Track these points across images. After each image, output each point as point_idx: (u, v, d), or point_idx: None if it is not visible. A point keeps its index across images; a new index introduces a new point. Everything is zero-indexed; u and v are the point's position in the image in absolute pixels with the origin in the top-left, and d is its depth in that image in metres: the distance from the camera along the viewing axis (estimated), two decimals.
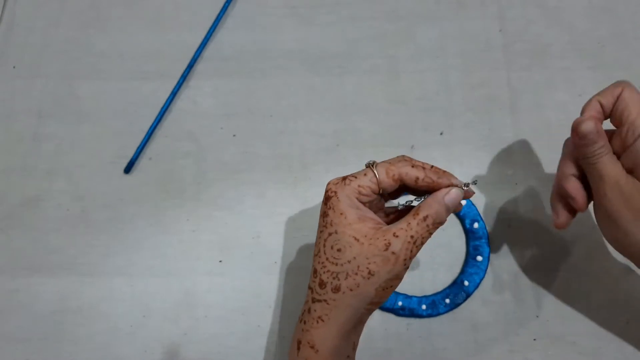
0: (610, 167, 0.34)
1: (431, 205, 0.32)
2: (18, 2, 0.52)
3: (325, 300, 0.32)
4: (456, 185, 0.33)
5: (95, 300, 0.43)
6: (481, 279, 0.41)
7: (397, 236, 0.31)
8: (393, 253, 0.31)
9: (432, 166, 0.34)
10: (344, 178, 0.33)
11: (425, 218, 0.32)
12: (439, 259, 0.43)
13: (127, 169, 0.46)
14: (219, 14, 0.50)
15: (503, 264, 0.42)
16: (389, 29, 0.50)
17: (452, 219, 0.44)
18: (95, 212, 0.45)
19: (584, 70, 0.48)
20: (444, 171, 0.34)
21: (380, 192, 0.33)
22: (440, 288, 0.42)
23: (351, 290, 0.31)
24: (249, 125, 0.47)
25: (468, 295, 0.41)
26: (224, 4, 0.50)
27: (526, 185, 0.44)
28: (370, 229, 0.32)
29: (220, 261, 0.43)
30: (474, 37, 0.49)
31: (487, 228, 0.43)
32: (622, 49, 0.48)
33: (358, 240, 0.31)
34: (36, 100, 0.49)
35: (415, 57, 0.49)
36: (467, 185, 0.34)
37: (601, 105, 0.35)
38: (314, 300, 0.32)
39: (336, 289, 0.32)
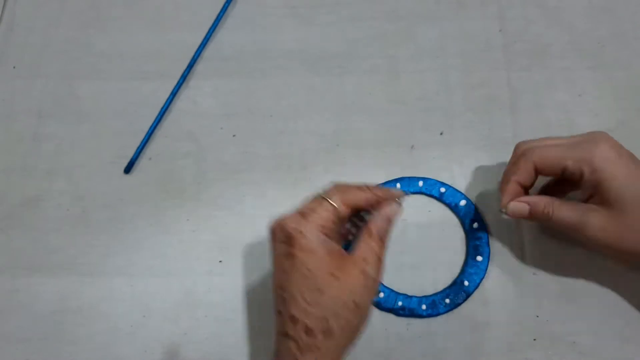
0: (567, 215, 0.36)
1: (381, 223, 0.34)
2: (18, 2, 0.52)
3: (317, 348, 0.30)
4: (394, 199, 0.35)
5: (95, 300, 0.43)
6: (481, 279, 0.41)
7: (368, 262, 0.32)
8: (372, 278, 0.32)
9: (369, 186, 0.35)
10: (301, 214, 0.33)
11: (381, 237, 0.33)
12: (439, 259, 0.43)
13: (127, 169, 0.46)
14: (219, 14, 0.50)
15: (504, 264, 0.42)
16: (389, 29, 0.50)
17: (452, 219, 0.44)
18: (95, 212, 0.45)
19: (584, 70, 0.48)
20: (383, 188, 0.36)
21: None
22: (440, 288, 0.42)
23: (343, 329, 0.31)
24: (249, 125, 0.47)
25: (468, 295, 0.41)
26: (224, 4, 0.50)
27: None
28: (341, 261, 0.32)
29: (221, 261, 0.43)
30: (474, 37, 0.49)
31: (487, 228, 0.43)
32: (622, 49, 0.48)
33: (335, 275, 0.31)
34: (36, 100, 0.49)
35: (415, 57, 0.49)
36: (401, 197, 0.36)
37: (520, 184, 0.38)
38: (302, 351, 0.30)
39: (328, 333, 0.30)
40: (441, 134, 0.46)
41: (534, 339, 0.40)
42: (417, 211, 0.44)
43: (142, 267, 0.43)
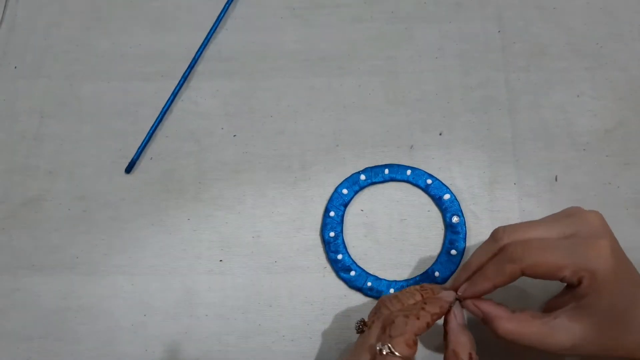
0: (528, 334, 0.33)
1: (464, 342, 0.33)
2: (19, 3, 0.53)
3: None
4: (451, 302, 0.34)
5: (96, 299, 0.43)
6: (452, 272, 0.42)
7: None
8: None
9: (424, 302, 0.33)
10: None
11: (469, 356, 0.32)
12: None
13: (129, 169, 0.46)
14: (219, 15, 0.50)
15: None
16: (389, 30, 0.50)
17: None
18: (96, 212, 0.45)
19: (582, 70, 0.48)
20: (435, 298, 0.33)
21: None
22: (412, 276, 0.43)
23: None
24: (250, 125, 0.48)
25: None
26: (225, 5, 0.51)
27: (524, 184, 0.45)
28: None
29: (221, 260, 0.44)
30: (472, 38, 0.49)
31: (487, 227, 0.43)
32: (621, 49, 0.48)
33: None
34: (38, 100, 0.49)
35: (415, 58, 0.49)
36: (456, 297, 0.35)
37: (495, 286, 0.34)
38: None
39: None
40: (440, 134, 0.47)
41: None
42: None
43: (143, 266, 0.44)
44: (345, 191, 0.44)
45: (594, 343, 0.31)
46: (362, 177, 0.45)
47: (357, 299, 0.42)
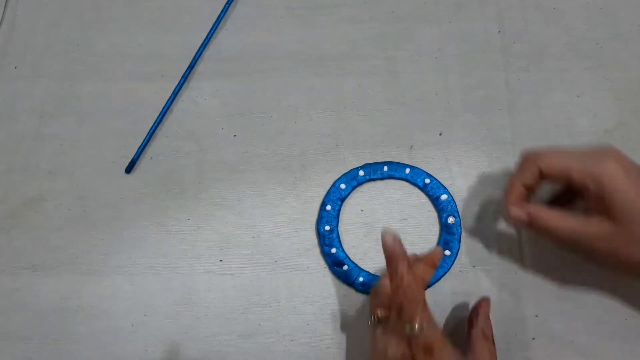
0: (570, 226, 0.36)
1: (487, 322, 0.38)
2: (19, 3, 0.53)
3: None
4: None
5: (96, 299, 0.43)
6: (444, 273, 0.42)
7: None
8: None
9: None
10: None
11: (491, 336, 0.38)
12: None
13: (129, 169, 0.46)
14: (219, 15, 0.50)
15: (503, 263, 0.43)
16: (389, 30, 0.50)
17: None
18: (96, 212, 0.45)
19: (582, 71, 0.48)
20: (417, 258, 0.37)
21: None
22: None
23: None
24: (250, 125, 0.48)
25: (428, 286, 0.41)
26: (225, 5, 0.51)
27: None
28: None
29: (221, 260, 0.44)
30: (472, 38, 0.49)
31: (487, 227, 0.43)
32: (621, 49, 0.48)
33: None
34: (38, 100, 0.49)
35: (415, 58, 0.49)
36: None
37: (525, 187, 0.38)
38: None
39: None
40: (440, 134, 0.47)
41: (533, 338, 0.41)
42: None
43: (143, 266, 0.44)
44: (343, 186, 0.44)
45: (620, 239, 0.35)
46: (361, 172, 0.45)
47: (357, 299, 0.42)
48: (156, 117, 0.47)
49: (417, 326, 0.32)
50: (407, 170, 0.45)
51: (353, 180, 0.45)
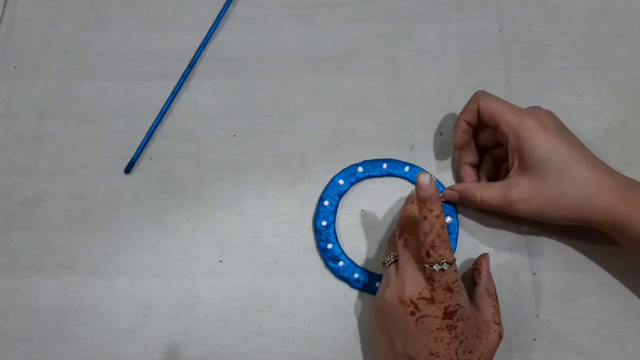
0: (492, 196, 0.39)
1: (490, 280, 0.39)
2: (19, 3, 0.53)
3: None
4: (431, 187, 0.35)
5: (95, 300, 0.43)
6: None
7: (499, 322, 0.36)
8: (503, 337, 0.36)
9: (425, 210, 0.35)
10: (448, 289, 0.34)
11: (495, 294, 0.38)
12: None
13: (128, 169, 0.46)
14: (219, 15, 0.50)
15: (502, 263, 0.42)
16: (389, 29, 0.50)
17: None
18: (95, 212, 0.45)
19: (583, 70, 0.48)
20: (422, 200, 0.35)
21: None
22: None
23: None
24: (249, 125, 0.47)
25: None
26: (224, 5, 0.51)
27: None
28: (481, 323, 0.36)
29: (221, 261, 0.44)
30: (473, 38, 0.49)
31: (486, 226, 0.43)
32: (621, 49, 0.48)
33: (480, 337, 0.35)
34: (37, 100, 0.49)
35: (415, 57, 0.49)
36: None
37: (467, 123, 0.41)
38: None
39: None
40: (441, 134, 0.46)
41: (534, 339, 0.41)
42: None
43: (142, 266, 0.44)
44: (341, 182, 0.44)
45: (541, 195, 0.37)
46: (360, 169, 0.45)
47: (357, 300, 0.42)
48: (155, 117, 0.47)
49: (446, 266, 0.34)
50: (407, 168, 0.45)
51: (352, 176, 0.45)
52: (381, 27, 0.50)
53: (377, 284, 0.42)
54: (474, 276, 0.39)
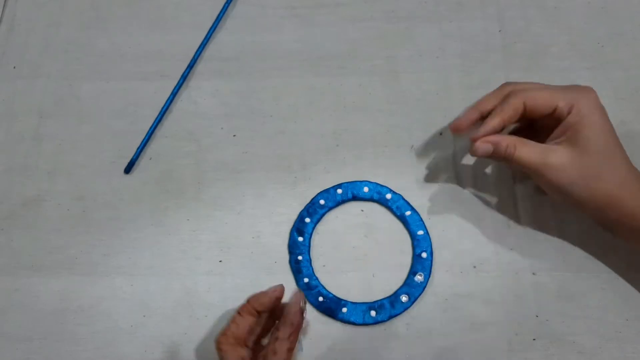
0: (529, 154, 0.37)
1: (285, 329, 0.36)
2: (19, 3, 0.53)
3: None
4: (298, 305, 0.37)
5: (95, 300, 0.43)
6: (415, 299, 0.41)
7: None
8: None
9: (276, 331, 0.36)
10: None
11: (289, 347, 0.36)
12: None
13: (128, 169, 0.46)
14: (219, 15, 0.50)
15: (502, 263, 0.42)
16: (389, 29, 0.50)
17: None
18: (95, 212, 0.45)
19: (583, 70, 0.48)
20: (283, 317, 0.36)
21: None
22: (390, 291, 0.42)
23: None
24: (249, 125, 0.47)
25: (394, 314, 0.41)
26: (224, 5, 0.51)
27: (525, 185, 0.44)
28: None
29: (221, 261, 0.44)
30: (473, 38, 0.49)
31: (487, 226, 0.43)
32: (621, 49, 0.48)
33: None
34: (37, 100, 0.49)
35: (415, 57, 0.49)
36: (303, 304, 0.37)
37: (505, 121, 0.38)
38: None
39: None
40: (441, 134, 0.46)
41: (534, 339, 0.41)
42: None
43: (142, 266, 0.44)
44: (307, 219, 0.44)
45: (579, 170, 0.37)
46: (321, 201, 0.44)
47: None
48: (155, 117, 0.47)
49: None
50: (366, 189, 0.44)
51: (315, 213, 0.44)
52: (381, 27, 0.50)
53: (373, 313, 0.41)
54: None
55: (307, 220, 0.44)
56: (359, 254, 0.43)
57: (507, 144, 0.38)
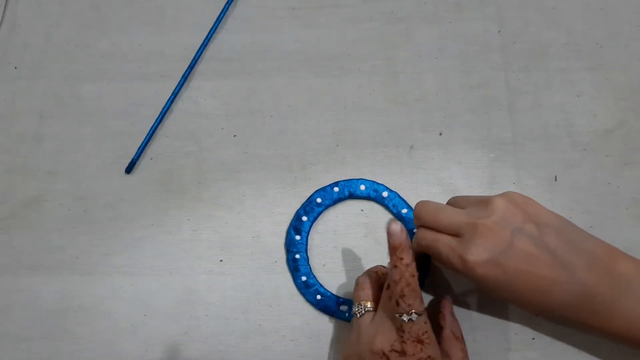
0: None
1: (455, 323, 0.39)
2: (19, 3, 0.53)
3: None
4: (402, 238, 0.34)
5: (96, 299, 0.43)
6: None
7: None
8: None
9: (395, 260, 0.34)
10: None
11: (462, 336, 0.38)
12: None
13: (129, 169, 0.46)
14: (219, 15, 0.50)
15: None
16: (388, 30, 0.50)
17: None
18: (96, 212, 0.45)
19: (583, 70, 0.48)
20: (394, 249, 0.34)
21: None
22: None
23: None
24: (250, 125, 0.48)
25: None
26: (225, 5, 0.51)
27: (524, 185, 0.45)
28: None
29: (221, 260, 0.44)
30: (472, 38, 0.49)
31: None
32: (620, 49, 0.49)
33: None
34: (38, 100, 0.49)
35: (414, 58, 0.49)
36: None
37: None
38: None
39: None
40: (440, 134, 0.47)
41: (533, 338, 0.41)
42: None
43: (143, 266, 0.44)
44: (304, 218, 0.44)
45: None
46: (318, 200, 0.44)
47: None
48: (156, 117, 0.47)
49: (415, 316, 0.33)
50: (362, 187, 0.44)
51: (312, 212, 0.44)
52: (381, 28, 0.50)
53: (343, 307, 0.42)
54: (439, 320, 0.38)
55: (304, 218, 0.44)
56: (358, 254, 0.43)
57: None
